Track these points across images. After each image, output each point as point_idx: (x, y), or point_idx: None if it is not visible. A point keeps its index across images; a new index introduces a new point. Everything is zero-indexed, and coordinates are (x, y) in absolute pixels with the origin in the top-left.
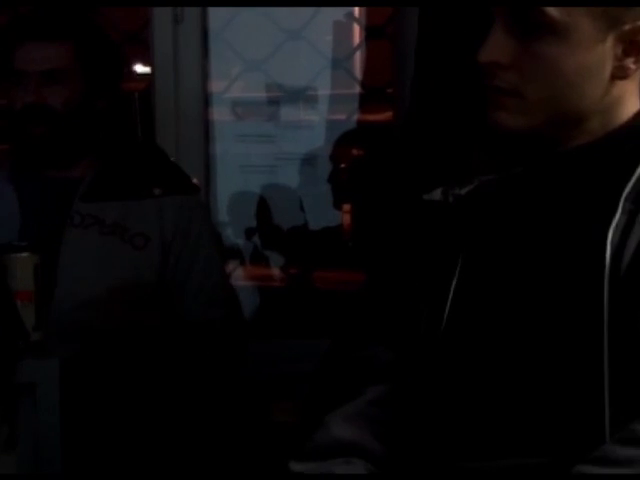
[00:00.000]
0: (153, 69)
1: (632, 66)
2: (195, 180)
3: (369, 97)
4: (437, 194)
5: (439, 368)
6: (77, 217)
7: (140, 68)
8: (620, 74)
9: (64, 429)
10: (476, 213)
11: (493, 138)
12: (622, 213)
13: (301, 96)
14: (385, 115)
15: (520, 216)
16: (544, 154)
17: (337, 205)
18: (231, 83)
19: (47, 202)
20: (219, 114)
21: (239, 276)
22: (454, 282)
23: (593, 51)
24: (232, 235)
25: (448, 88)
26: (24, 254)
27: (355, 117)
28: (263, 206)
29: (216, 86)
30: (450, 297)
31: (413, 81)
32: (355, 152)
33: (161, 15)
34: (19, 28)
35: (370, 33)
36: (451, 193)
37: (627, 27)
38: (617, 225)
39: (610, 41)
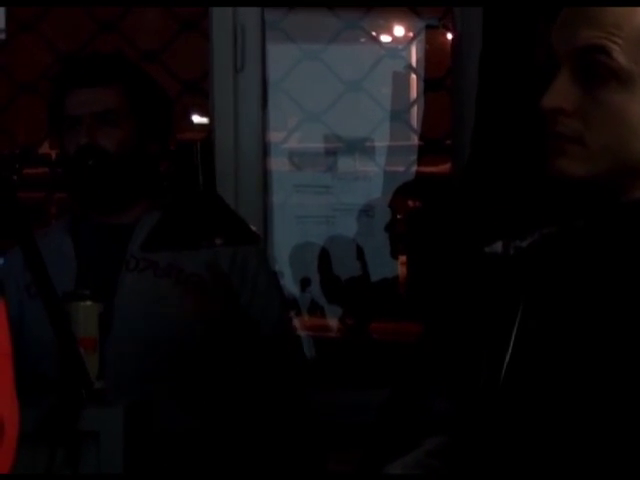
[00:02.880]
0: (212, 119)
1: None
2: (255, 229)
3: (427, 149)
4: (498, 246)
5: (498, 420)
6: (132, 261)
7: (197, 118)
8: None
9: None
10: (538, 266)
11: (554, 188)
12: None
13: (359, 147)
14: (443, 167)
15: (583, 269)
16: (606, 204)
17: (394, 256)
18: (290, 133)
19: (102, 249)
20: (277, 164)
21: (296, 326)
22: (514, 334)
23: None
24: (290, 285)
25: (509, 138)
26: (88, 302)
27: (413, 169)
28: (321, 256)
29: (275, 136)
30: (510, 349)
31: (473, 132)
32: (412, 203)
33: (221, 65)
34: (68, 76)
35: (429, 85)
36: (512, 245)
37: None
38: None
39: None
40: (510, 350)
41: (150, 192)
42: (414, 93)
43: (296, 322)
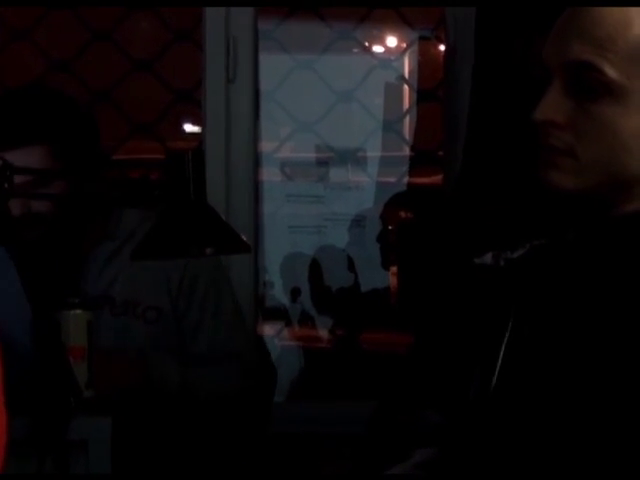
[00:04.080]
0: (204, 128)
1: None
2: (246, 239)
3: (419, 160)
4: (488, 258)
5: (488, 431)
6: (90, 300)
7: (189, 127)
8: None
9: None
10: (528, 277)
11: (544, 200)
12: None
13: (351, 158)
14: (435, 178)
15: (573, 281)
16: (596, 217)
17: (385, 267)
18: (281, 144)
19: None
20: (269, 174)
21: (285, 336)
22: (504, 346)
23: None
24: (280, 295)
25: (501, 149)
26: (77, 311)
27: (405, 179)
28: (311, 267)
29: (266, 146)
30: (500, 361)
31: (465, 143)
32: (404, 214)
33: (214, 75)
34: None
35: (421, 96)
36: (502, 257)
37: None
38: None
39: None
40: (500, 361)
41: (96, 224)
42: (406, 104)
43: (286, 332)
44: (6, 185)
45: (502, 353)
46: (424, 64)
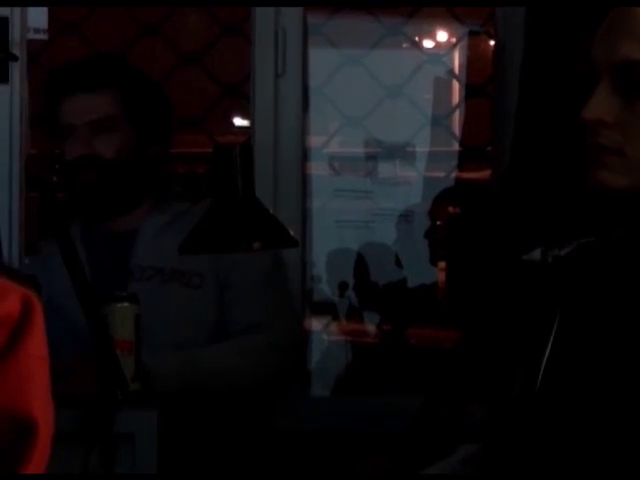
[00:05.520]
0: (253, 123)
1: None
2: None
3: (468, 155)
4: (536, 254)
5: (533, 428)
6: (137, 271)
7: (239, 121)
8: None
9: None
10: (575, 275)
11: (593, 198)
12: None
13: (399, 153)
14: (483, 173)
15: (621, 279)
16: None
17: (433, 262)
18: (330, 138)
19: (110, 256)
20: (317, 169)
21: (333, 331)
22: (550, 342)
23: None
24: (327, 290)
25: (549, 147)
26: (125, 304)
27: (453, 175)
28: (359, 262)
29: (315, 141)
30: (546, 357)
31: (513, 140)
32: (452, 210)
33: (262, 69)
34: (61, 81)
35: (470, 91)
36: (550, 254)
37: None
38: None
39: None
40: (546, 359)
41: (151, 195)
42: (455, 99)
43: (333, 327)
44: (55, 178)
45: (548, 350)
46: (473, 59)
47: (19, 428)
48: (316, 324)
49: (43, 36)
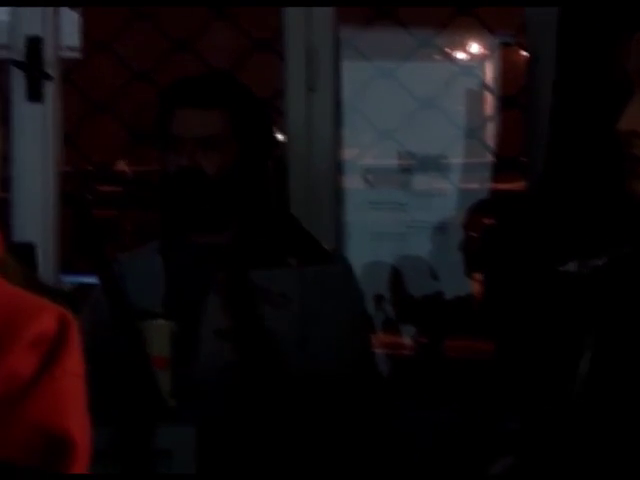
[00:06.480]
0: (286, 137)
1: None
2: (329, 248)
3: (501, 166)
4: (572, 265)
5: (570, 440)
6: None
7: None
8: None
9: None
10: (611, 286)
11: (628, 208)
12: None
13: (433, 164)
14: (517, 184)
15: None
16: None
17: (468, 274)
18: (363, 151)
19: (192, 269)
20: (351, 182)
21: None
22: (586, 354)
23: None
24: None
25: (583, 158)
26: (160, 321)
27: (487, 186)
28: (394, 274)
29: (348, 154)
30: (582, 369)
31: (547, 150)
32: (487, 221)
33: (295, 84)
34: (177, 94)
35: (503, 102)
36: (586, 265)
37: None
38: None
39: None
40: (582, 369)
41: (243, 214)
42: (488, 110)
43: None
44: (90, 196)
45: (585, 360)
46: (506, 70)
47: (57, 446)
48: None
49: (76, 54)
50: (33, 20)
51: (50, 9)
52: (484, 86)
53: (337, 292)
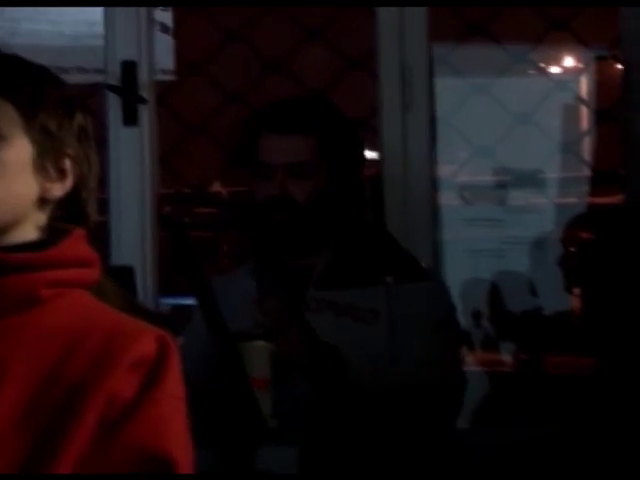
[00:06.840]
0: (382, 155)
1: None
2: (425, 265)
3: (599, 180)
4: None
5: None
6: (313, 303)
7: (367, 154)
8: None
9: None
10: None
11: None
12: None
13: (529, 180)
14: (615, 197)
15: None
16: None
17: (568, 289)
18: (459, 168)
19: (285, 290)
20: (447, 198)
21: (468, 362)
22: None
23: None
24: (461, 320)
25: None
26: (260, 342)
27: (585, 200)
28: (492, 290)
29: (444, 170)
30: None
31: None
32: (585, 235)
33: (389, 103)
34: (266, 120)
35: (599, 116)
36: None
37: None
38: None
39: None
40: None
41: (334, 235)
42: (584, 124)
43: (469, 358)
44: (187, 219)
45: None
46: (601, 84)
47: (159, 468)
48: None
49: (170, 77)
50: (128, 44)
51: (144, 33)
52: (579, 100)
53: (428, 307)
